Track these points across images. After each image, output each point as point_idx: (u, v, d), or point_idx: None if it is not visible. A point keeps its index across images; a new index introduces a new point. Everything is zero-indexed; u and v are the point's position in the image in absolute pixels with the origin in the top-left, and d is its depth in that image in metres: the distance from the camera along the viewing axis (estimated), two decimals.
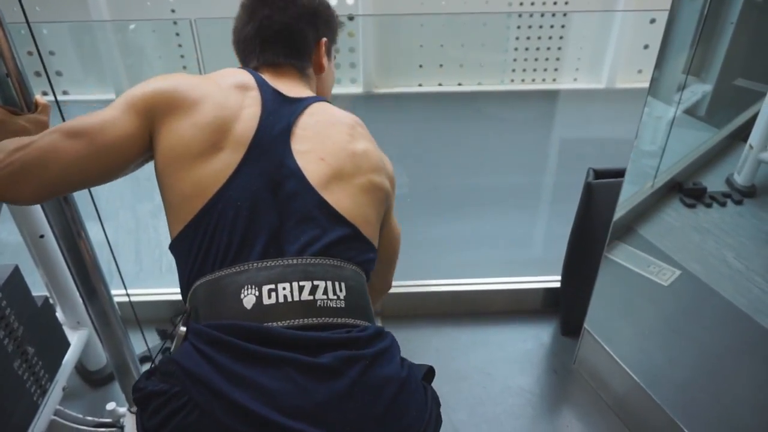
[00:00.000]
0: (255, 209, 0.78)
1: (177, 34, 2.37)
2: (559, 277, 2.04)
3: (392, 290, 2.12)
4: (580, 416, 1.72)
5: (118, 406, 1.51)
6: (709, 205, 1.95)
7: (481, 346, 1.97)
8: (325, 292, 0.76)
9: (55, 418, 1.51)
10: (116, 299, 1.46)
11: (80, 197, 1.26)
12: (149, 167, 0.87)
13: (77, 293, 1.62)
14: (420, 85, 2.76)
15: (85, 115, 0.80)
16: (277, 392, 0.67)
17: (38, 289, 1.50)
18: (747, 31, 2.20)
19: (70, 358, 1.53)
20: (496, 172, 2.56)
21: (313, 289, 0.75)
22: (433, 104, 2.78)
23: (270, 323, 0.72)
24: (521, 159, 2.54)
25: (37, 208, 1.46)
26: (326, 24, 1.03)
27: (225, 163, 0.80)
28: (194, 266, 0.78)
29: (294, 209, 0.79)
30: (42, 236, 1.50)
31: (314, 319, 0.74)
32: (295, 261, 0.76)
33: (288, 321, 0.73)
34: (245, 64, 1.00)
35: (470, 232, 2.44)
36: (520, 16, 2.79)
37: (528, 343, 1.99)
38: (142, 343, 1.74)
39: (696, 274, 1.70)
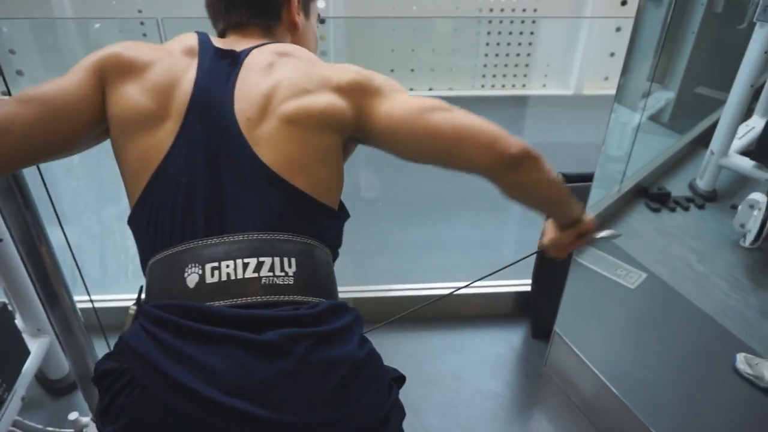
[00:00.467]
0: (194, 183, 0.74)
1: (144, 35, 2.32)
2: (529, 281, 2.06)
3: (363, 295, 2.13)
4: (551, 419, 1.73)
5: (81, 415, 1.46)
6: (673, 210, 2.00)
7: (454, 351, 1.98)
8: (272, 268, 0.72)
9: (14, 429, 1.45)
10: (80, 305, 1.42)
11: (41, 200, 1.22)
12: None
13: (38, 299, 1.56)
14: None
15: (38, 85, 0.77)
16: (217, 370, 0.65)
17: None
18: (708, 40, 2.27)
19: (29, 366, 1.48)
20: (467, 177, 2.57)
21: (258, 266, 0.72)
22: None
23: (212, 302, 0.70)
24: None
25: None
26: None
27: (166, 133, 0.76)
28: (146, 244, 0.77)
29: (235, 179, 0.75)
30: (0, 241, 1.45)
31: (258, 297, 0.71)
32: (241, 237, 0.73)
33: (231, 300, 0.70)
34: (215, 28, 0.94)
35: (441, 236, 2.45)
36: (490, 22, 2.82)
37: (499, 346, 2.00)
38: (106, 350, 1.68)
39: (661, 277, 1.74)
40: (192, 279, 0.71)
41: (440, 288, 2.14)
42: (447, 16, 2.86)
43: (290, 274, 0.74)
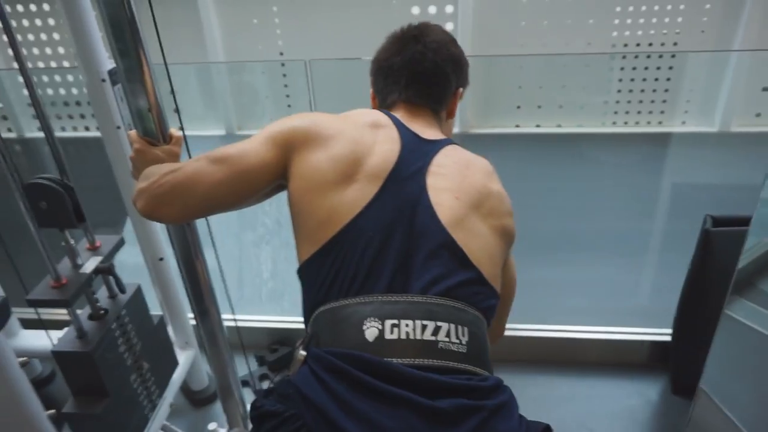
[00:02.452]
0: (385, 242, 0.79)
1: (284, 75, 2.51)
2: (668, 330, 1.91)
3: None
4: None
5: (219, 426, 1.56)
6: None
7: (581, 399, 1.87)
8: (448, 334, 0.75)
9: None
10: (224, 323, 1.52)
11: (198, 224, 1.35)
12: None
13: (188, 315, 1.71)
14: (517, 126, 2.73)
15: (227, 145, 0.87)
16: (389, 429, 0.67)
17: (153, 308, 1.59)
18: None
19: (177, 376, 1.61)
20: (597, 217, 2.46)
21: (436, 330, 0.74)
22: (531, 146, 2.74)
23: (390, 359, 0.72)
24: (625, 204, 2.43)
25: (158, 234, 1.57)
26: (465, 74, 1.06)
27: (360, 193, 0.82)
28: (320, 292, 0.80)
29: (423, 246, 0.80)
30: (161, 259, 1.61)
31: (435, 360, 0.73)
32: (419, 299, 0.76)
33: (408, 359, 0.72)
34: (381, 94, 1.03)
35: (570, 278, 2.34)
36: (624, 57, 2.71)
37: (633, 399, 1.86)
38: (244, 366, 1.79)
39: None
40: (371, 333, 0.74)
41: (569, 331, 2.04)
42: (578, 53, 2.79)
43: (464, 342, 0.76)
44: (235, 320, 1.56)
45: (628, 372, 1.96)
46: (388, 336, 0.73)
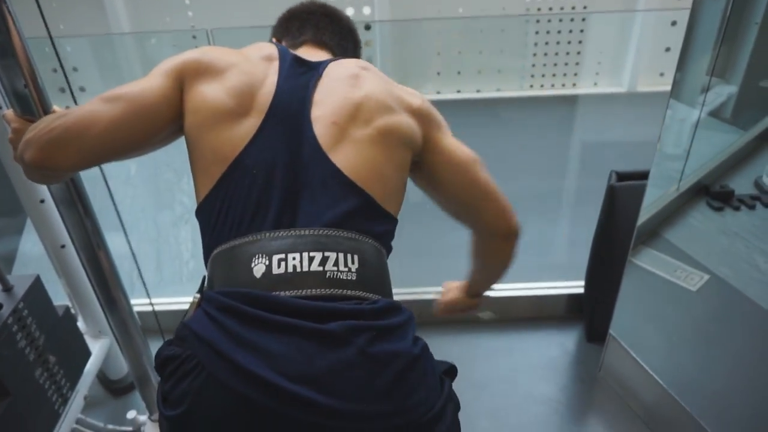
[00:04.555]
0: (269, 178, 0.78)
1: (196, 48, 2.40)
2: (582, 283, 2.00)
3: (409, 297, 2.11)
4: (608, 426, 1.67)
5: (139, 414, 1.51)
6: (737, 208, 1.90)
7: (503, 354, 1.94)
8: (336, 263, 0.75)
9: (77, 426, 1.51)
10: (138, 308, 1.47)
11: (99, 208, 1.28)
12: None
13: (98, 302, 1.63)
14: (438, 92, 2.75)
15: (121, 85, 0.82)
16: (281, 356, 0.67)
17: (61, 299, 1.51)
18: None
19: (91, 367, 1.54)
20: (516, 178, 2.52)
21: (324, 260, 0.75)
22: (452, 111, 2.76)
23: (278, 292, 0.73)
24: (542, 164, 2.51)
25: (57, 219, 1.48)
26: (358, 46, 1.10)
27: (246, 128, 0.80)
28: (213, 234, 0.80)
29: (308, 178, 0.79)
30: (63, 246, 1.52)
31: (322, 289, 0.74)
32: (307, 231, 0.76)
33: (296, 291, 0.73)
34: (292, 33, 1.04)
35: None
36: (537, 21, 2.76)
37: (552, 350, 1.95)
38: None
39: (725, 279, 1.65)
40: (259, 269, 0.74)
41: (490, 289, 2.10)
42: (494, 15, 2.82)
43: (353, 270, 0.76)
44: (151, 305, 1.50)
45: (547, 325, 2.05)
46: (275, 271, 0.74)
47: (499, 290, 2.09)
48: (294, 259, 0.74)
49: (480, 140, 2.58)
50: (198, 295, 0.80)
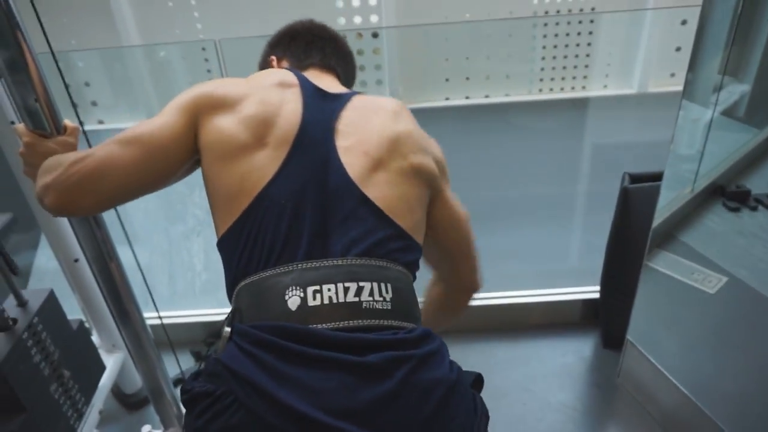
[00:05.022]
0: (299, 208, 0.78)
1: (206, 60, 2.41)
2: (597, 288, 1.98)
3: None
4: None
5: (154, 428, 1.51)
6: (754, 209, 1.87)
7: (520, 361, 1.92)
8: (371, 293, 0.75)
9: None
10: (150, 322, 1.47)
11: (112, 222, 1.28)
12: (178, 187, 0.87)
13: (111, 317, 1.63)
14: (447, 98, 2.74)
15: (136, 124, 0.83)
16: (323, 391, 0.67)
17: (75, 313, 1.52)
18: None
19: (106, 381, 1.55)
20: (528, 183, 2.51)
21: (359, 291, 0.74)
22: (462, 117, 2.75)
23: (315, 325, 0.72)
24: (553, 169, 2.49)
25: (71, 233, 1.49)
26: (355, 69, 1.12)
27: (269, 159, 0.80)
28: (239, 266, 0.79)
29: (338, 207, 0.79)
30: (76, 260, 1.53)
31: (360, 321, 0.73)
32: (340, 262, 0.75)
33: (333, 323, 0.72)
34: (296, 55, 1.04)
35: (503, 245, 2.38)
36: (545, 25, 2.75)
37: (568, 356, 1.93)
38: (176, 365, 1.74)
39: (744, 281, 1.62)
40: (294, 301, 0.73)
41: (504, 297, 2.08)
42: (500, 18, 2.81)
43: (387, 299, 0.76)
44: (160, 318, 1.50)
45: (562, 331, 2.02)
46: (311, 303, 0.73)
47: (513, 297, 2.08)
48: (329, 290, 0.73)
49: (491, 146, 2.58)
50: (228, 329, 0.77)
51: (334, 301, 0.73)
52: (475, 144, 2.51)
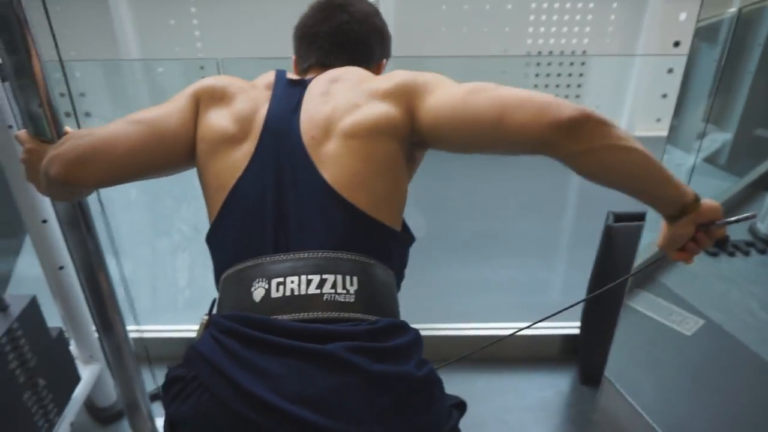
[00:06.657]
0: (263, 201, 0.80)
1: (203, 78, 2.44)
2: (577, 324, 2.00)
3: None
4: None
5: None
6: (732, 254, 1.91)
7: (498, 394, 1.92)
8: (334, 286, 0.76)
9: None
10: (133, 335, 1.46)
11: (99, 232, 1.28)
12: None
13: (92, 327, 1.62)
14: None
15: (144, 109, 0.87)
16: (281, 377, 0.69)
17: (54, 321, 1.50)
18: (766, 80, 2.21)
19: (80, 393, 1.52)
20: (514, 217, 2.54)
21: (321, 283, 0.76)
22: (453, 153, 2.79)
23: (277, 316, 0.74)
24: (539, 205, 2.53)
25: (58, 240, 1.48)
26: (388, 47, 1.07)
27: (242, 154, 0.83)
28: (222, 259, 0.84)
29: (297, 196, 0.80)
30: (61, 268, 1.52)
31: (319, 313, 0.75)
32: (306, 255, 0.77)
33: (294, 314, 0.74)
34: (301, 56, 1.02)
35: (485, 277, 2.41)
36: (538, 64, 2.82)
37: (546, 391, 1.93)
38: (152, 381, 1.72)
39: (720, 324, 1.65)
40: (258, 293, 0.76)
41: (487, 329, 2.09)
42: (495, 55, 2.88)
43: (351, 291, 0.77)
44: (139, 331, 1.49)
45: (541, 365, 2.03)
46: (273, 295, 0.75)
47: (493, 329, 2.09)
48: (292, 282, 0.76)
49: (478, 179, 2.60)
50: (206, 317, 0.81)
51: (296, 293, 0.75)
52: (467, 178, 2.54)
